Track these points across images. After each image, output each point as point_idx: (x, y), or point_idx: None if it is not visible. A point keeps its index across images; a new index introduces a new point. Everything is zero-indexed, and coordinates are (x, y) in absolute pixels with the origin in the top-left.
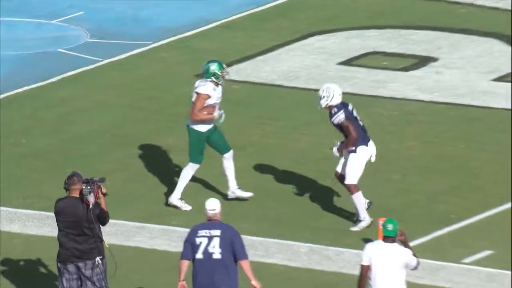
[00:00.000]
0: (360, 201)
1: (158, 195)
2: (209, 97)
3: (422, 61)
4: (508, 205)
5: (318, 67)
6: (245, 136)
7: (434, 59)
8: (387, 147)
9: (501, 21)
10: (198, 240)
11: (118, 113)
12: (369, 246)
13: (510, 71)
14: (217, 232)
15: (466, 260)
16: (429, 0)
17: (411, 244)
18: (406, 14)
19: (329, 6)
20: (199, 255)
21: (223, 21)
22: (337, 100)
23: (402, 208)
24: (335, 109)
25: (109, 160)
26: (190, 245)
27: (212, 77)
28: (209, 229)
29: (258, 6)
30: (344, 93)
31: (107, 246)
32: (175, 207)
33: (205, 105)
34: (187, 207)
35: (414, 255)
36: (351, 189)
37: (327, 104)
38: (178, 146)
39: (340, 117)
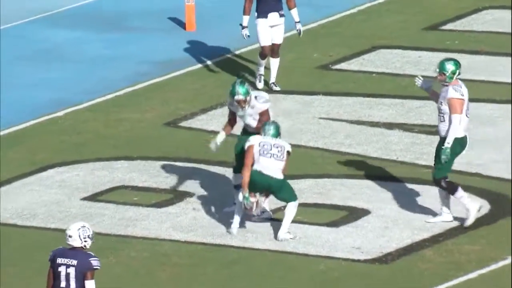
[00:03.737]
0: None
1: None
2: None
3: (178, 196)
4: None
5: (59, 203)
6: None
7: (190, 194)
8: None
9: None
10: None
11: None
12: None
13: None
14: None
15: None
16: (186, 130)
17: None
18: (159, 143)
19: (72, 133)
20: None
21: None
22: None
23: None
24: None
25: None
26: None
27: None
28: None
29: None
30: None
31: None
32: None
33: None
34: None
35: None
36: None
37: None
38: None
39: None
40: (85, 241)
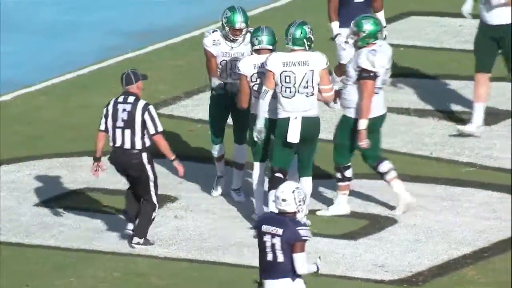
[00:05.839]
0: None
1: None
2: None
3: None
4: None
5: (6, 210)
6: None
7: (171, 199)
8: None
9: None
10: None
11: None
12: None
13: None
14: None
15: None
16: (167, 118)
17: None
18: None
19: (23, 122)
20: None
21: None
22: None
23: None
24: None
25: None
26: None
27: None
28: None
29: None
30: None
31: None
32: None
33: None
34: None
35: None
36: None
37: None
38: None
39: None
40: (299, 205)
